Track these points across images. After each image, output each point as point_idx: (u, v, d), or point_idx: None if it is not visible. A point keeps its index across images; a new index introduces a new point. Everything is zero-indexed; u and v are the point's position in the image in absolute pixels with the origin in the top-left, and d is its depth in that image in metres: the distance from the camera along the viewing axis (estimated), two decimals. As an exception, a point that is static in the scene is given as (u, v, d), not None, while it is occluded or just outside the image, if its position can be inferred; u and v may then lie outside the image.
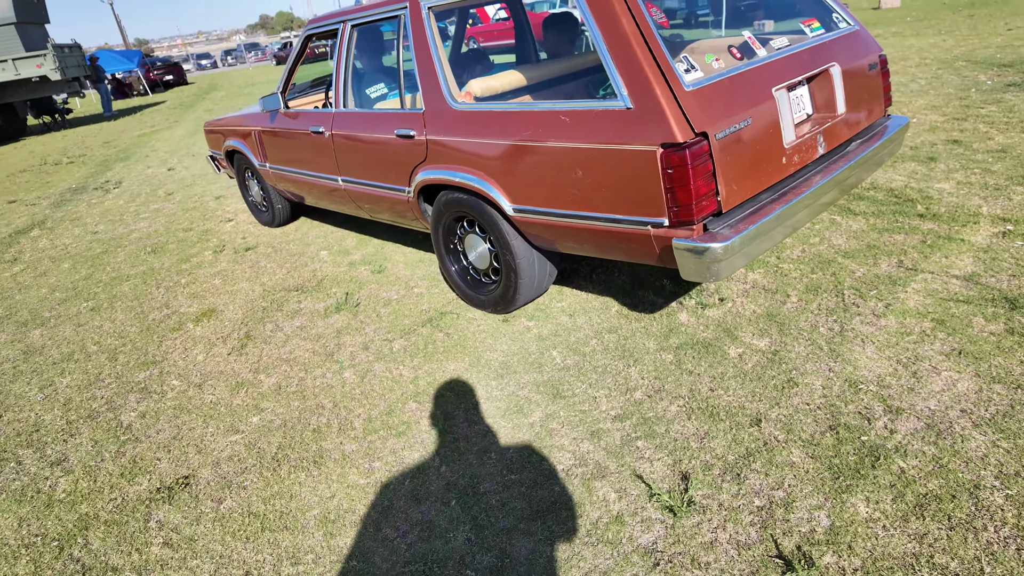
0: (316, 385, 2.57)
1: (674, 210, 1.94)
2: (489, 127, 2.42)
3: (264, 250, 4.28)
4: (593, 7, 2.04)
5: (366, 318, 3.08)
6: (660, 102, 1.89)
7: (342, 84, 3.30)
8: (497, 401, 2.27)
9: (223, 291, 3.68)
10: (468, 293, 2.96)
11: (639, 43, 1.95)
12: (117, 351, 3.13)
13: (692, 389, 2.16)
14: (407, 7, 2.81)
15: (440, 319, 2.94)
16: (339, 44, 3.29)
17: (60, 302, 3.90)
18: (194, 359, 2.94)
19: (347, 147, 3.25)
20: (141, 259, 4.48)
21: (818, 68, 2.37)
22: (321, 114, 3.45)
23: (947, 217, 3.13)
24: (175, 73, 26.61)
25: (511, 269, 2.63)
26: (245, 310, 3.38)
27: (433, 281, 3.38)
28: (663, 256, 2.08)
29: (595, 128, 2.05)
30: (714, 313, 2.60)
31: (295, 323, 3.15)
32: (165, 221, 5.38)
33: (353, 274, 3.65)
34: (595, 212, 2.16)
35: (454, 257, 2.99)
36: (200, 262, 4.24)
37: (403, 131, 2.84)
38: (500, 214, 2.56)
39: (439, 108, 2.65)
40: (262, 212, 4.76)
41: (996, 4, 11.38)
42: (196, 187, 6.51)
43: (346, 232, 4.39)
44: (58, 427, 2.55)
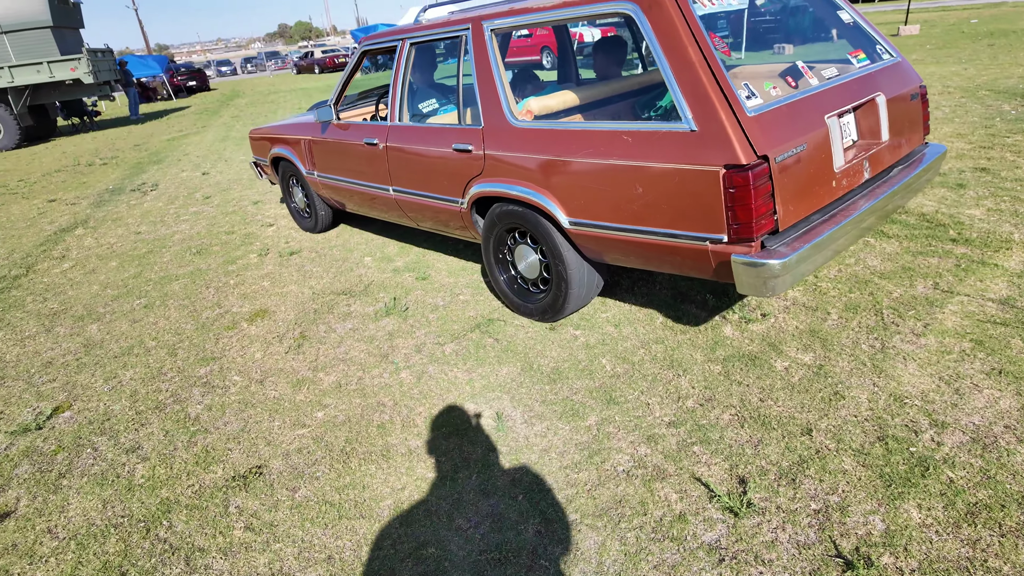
0: (375, 384, 2.69)
1: (734, 227, 2.06)
2: (550, 144, 2.55)
3: (308, 255, 4.43)
4: (661, 36, 2.17)
5: (416, 322, 3.20)
6: (725, 126, 2.01)
7: (398, 99, 3.45)
8: (553, 404, 2.38)
9: (273, 293, 3.82)
10: (515, 301, 3.08)
11: (704, 70, 2.08)
12: (176, 347, 3.27)
13: (742, 399, 2.26)
14: (469, 28, 2.96)
15: (488, 325, 3.06)
16: (396, 60, 3.44)
17: (113, 299, 4.04)
18: (252, 356, 3.07)
19: (401, 159, 3.39)
20: (187, 260, 4.63)
21: (865, 97, 2.50)
22: (375, 127, 3.60)
23: (979, 242, 3.23)
24: (198, 79, 27.08)
25: (562, 279, 2.75)
26: (297, 311, 3.51)
27: (477, 289, 3.50)
28: (719, 271, 2.20)
29: (658, 148, 2.18)
30: (758, 328, 2.71)
31: (347, 325, 3.28)
32: (206, 224, 5.54)
33: (398, 280, 3.78)
34: (653, 227, 2.28)
35: (503, 266, 3.12)
36: (246, 264, 4.38)
37: (461, 145, 2.98)
38: (555, 226, 2.69)
39: (499, 125, 2.79)
40: (304, 218, 4.91)
41: (1016, 34, 11.51)
42: (232, 192, 6.69)
43: (386, 239, 4.53)
44: (128, 417, 2.68)
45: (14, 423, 2.72)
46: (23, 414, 2.79)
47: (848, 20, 2.82)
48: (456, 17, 3.06)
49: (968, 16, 16.54)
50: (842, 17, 2.82)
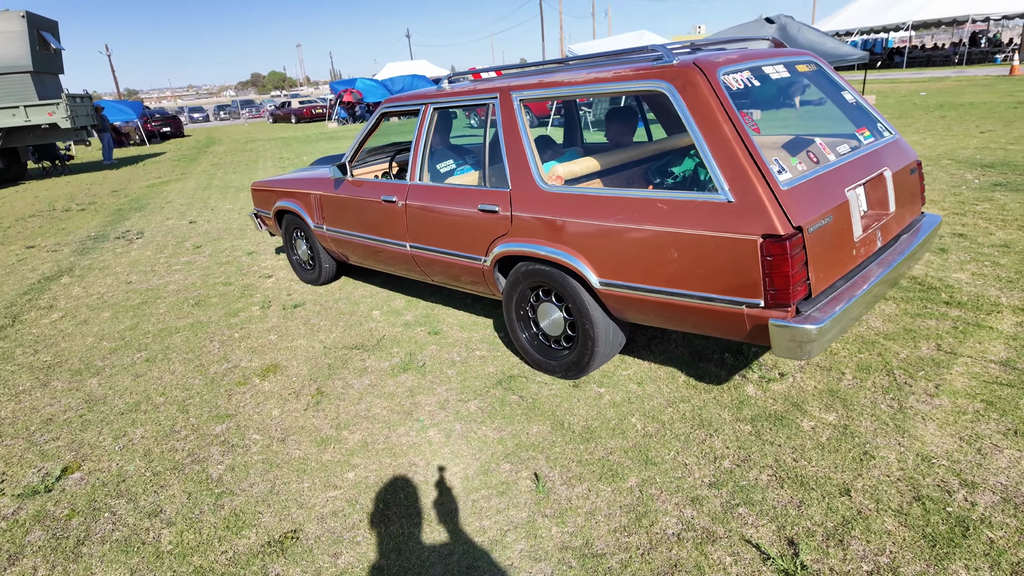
0: (403, 443, 2.66)
1: (771, 293, 2.16)
2: (582, 208, 2.65)
3: (312, 307, 4.40)
4: (696, 114, 2.32)
5: (435, 379, 3.20)
6: (762, 199, 2.14)
7: (420, 159, 3.54)
8: (590, 464, 2.39)
9: (281, 347, 3.78)
10: (537, 358, 3.12)
11: (739, 146, 2.22)
12: (186, 403, 3.19)
13: (777, 459, 2.32)
14: (498, 97, 3.09)
15: (510, 382, 3.08)
16: (419, 123, 3.55)
17: (111, 351, 3.93)
18: (269, 413, 3.01)
19: (421, 216, 3.46)
20: (185, 311, 4.55)
21: (875, 172, 2.68)
22: (394, 184, 3.68)
23: (971, 305, 3.42)
24: (173, 125, 27.04)
25: (588, 337, 2.81)
26: (310, 366, 3.48)
27: (492, 344, 3.53)
28: (753, 333, 2.29)
29: (694, 216, 2.29)
30: (779, 387, 2.79)
31: (364, 381, 3.25)
32: (200, 274, 5.47)
33: (410, 334, 3.78)
34: (687, 290, 2.37)
35: (524, 323, 3.16)
36: (249, 317, 4.33)
37: (487, 206, 3.06)
38: (583, 286, 2.76)
39: (527, 188, 2.89)
40: (307, 270, 4.90)
41: (963, 107, 12.41)
42: (224, 241, 6.63)
43: (391, 292, 4.55)
44: (145, 478, 2.58)
45: (20, 485, 2.60)
46: (28, 475, 2.67)
47: (851, 100, 3.05)
48: (484, 86, 3.20)
49: (916, 88, 17.78)
50: (846, 97, 3.04)
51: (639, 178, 3.49)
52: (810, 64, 3.00)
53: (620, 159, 3.35)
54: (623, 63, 2.75)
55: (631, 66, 2.60)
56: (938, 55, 31.53)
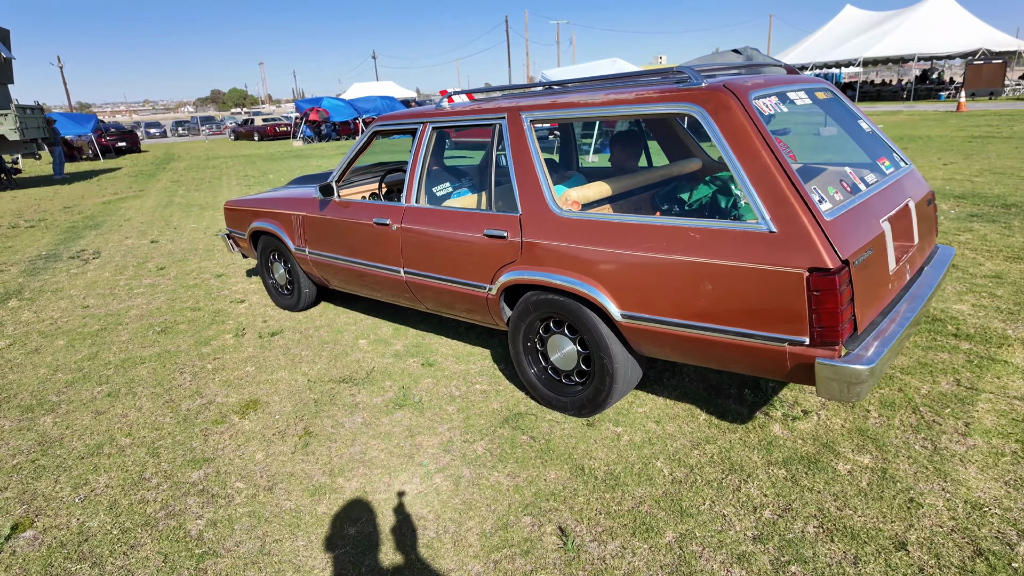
0: (407, 491, 2.41)
1: (818, 330, 2.02)
2: (603, 236, 2.48)
3: (292, 335, 4.11)
4: (731, 139, 2.19)
5: (435, 416, 2.96)
6: (808, 229, 2.01)
7: (416, 181, 3.33)
8: (620, 517, 2.19)
9: (261, 380, 3.47)
10: (546, 394, 2.91)
11: (780, 173, 2.09)
12: (156, 445, 2.86)
13: (820, 508, 2.16)
14: (505, 117, 2.92)
15: (518, 420, 2.86)
16: (417, 143, 3.35)
17: (67, 385, 3.56)
18: (252, 457, 2.72)
19: (418, 241, 3.24)
20: (151, 340, 4.20)
21: (901, 203, 2.60)
22: (387, 207, 3.45)
23: (979, 338, 3.37)
24: (129, 140, 26.09)
25: (607, 372, 2.62)
26: (294, 402, 3.19)
27: (493, 377, 3.31)
28: (794, 373, 2.14)
29: (731, 247, 2.15)
30: (804, 426, 2.65)
31: (356, 419, 2.99)
32: (166, 298, 5.10)
33: (402, 366, 3.53)
34: (722, 325, 2.22)
35: (532, 357, 2.96)
36: (222, 346, 4.00)
37: (494, 231, 2.87)
38: (602, 318, 2.59)
39: (539, 213, 2.71)
40: (284, 295, 4.60)
41: (922, 140, 12.87)
42: (190, 263, 6.25)
43: (377, 320, 4.29)
44: (112, 536, 2.26)
45: (-40, 546, 2.25)
46: (-29, 534, 2.31)
47: (867, 129, 2.98)
48: (489, 106, 3.03)
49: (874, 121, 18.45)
50: (862, 126, 2.98)
51: (651, 205, 3.35)
52: (826, 92, 2.92)
53: (629, 184, 3.21)
54: (643, 85, 2.62)
55: (655, 88, 2.47)
56: (887, 90, 33.00)
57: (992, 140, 11.80)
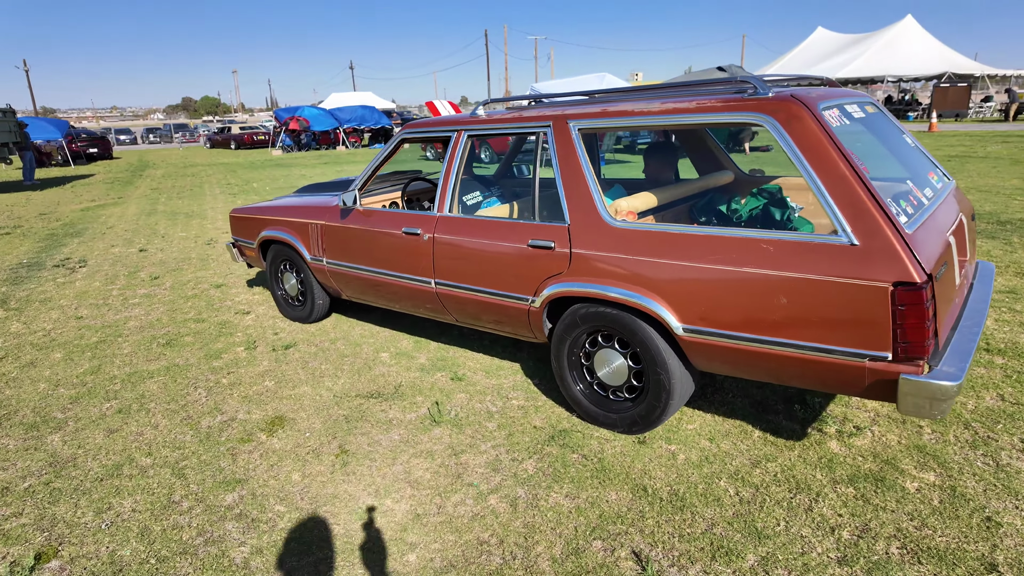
0: (461, 514, 2.29)
1: (903, 345, 1.97)
2: (665, 247, 2.41)
3: (307, 348, 3.95)
4: (806, 150, 2.14)
5: (475, 434, 2.84)
6: (892, 243, 1.97)
7: (450, 190, 3.24)
8: (695, 540, 2.10)
9: (283, 395, 3.31)
10: (591, 410, 2.82)
11: (860, 185, 2.05)
12: (180, 465, 2.69)
13: (898, 528, 2.10)
14: (551, 125, 2.85)
15: (564, 437, 2.76)
16: (451, 151, 3.26)
17: (72, 401, 3.35)
18: (288, 478, 2.56)
19: (453, 252, 3.14)
20: (156, 352, 3.99)
21: (957, 216, 2.59)
22: (418, 216, 3.34)
23: (1011, 353, 3.38)
24: (100, 146, 25.39)
25: (663, 388, 2.55)
26: (323, 419, 3.04)
27: (529, 392, 3.21)
28: (872, 389, 2.08)
29: (809, 260, 2.09)
30: (861, 442, 2.60)
31: (393, 436, 2.85)
32: (165, 309, 4.88)
33: (430, 380, 3.40)
34: (796, 340, 2.16)
35: (578, 372, 2.87)
36: (234, 360, 3.82)
37: (539, 242, 2.79)
38: (659, 332, 2.51)
39: (591, 224, 2.64)
40: (295, 307, 4.44)
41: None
42: (185, 272, 6.02)
43: (394, 332, 4.15)
44: (150, 567, 2.09)
45: (-21, 580, 2.05)
46: (-12, 566, 2.12)
47: (911, 144, 2.98)
48: (532, 114, 2.95)
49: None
50: (906, 140, 2.97)
51: (691, 216, 3.30)
52: (872, 106, 2.92)
53: (671, 195, 3.16)
54: (699, 94, 2.57)
55: (717, 97, 2.42)
56: (858, 110, 33.83)
57: (970, 159, 12.15)
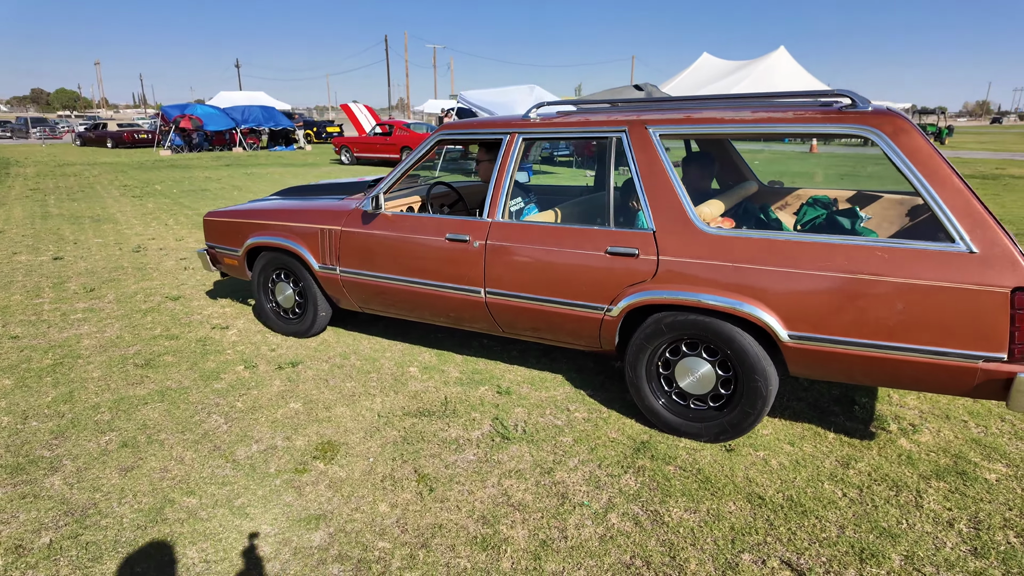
0: (589, 536, 2.16)
1: (1020, 346, 2.11)
2: (770, 255, 2.44)
3: (318, 365, 3.60)
4: (917, 162, 2.25)
5: (555, 450, 2.71)
6: (1011, 250, 2.10)
7: (503, 195, 3.10)
8: (835, 545, 2.11)
9: (319, 418, 2.99)
10: (671, 420, 2.79)
11: (973, 196, 2.18)
12: (238, 504, 2.33)
13: (1005, 518, 2.23)
14: (626, 130, 2.80)
15: (649, 449, 2.70)
16: (504, 154, 3.12)
17: (55, 435, 2.83)
18: (375, 510, 2.30)
19: (511, 260, 3.00)
20: (135, 375, 3.48)
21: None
22: (465, 222, 3.17)
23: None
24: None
25: (758, 395, 2.56)
26: (379, 442, 2.77)
27: (585, 403, 3.12)
28: (981, 388, 2.21)
29: (928, 267, 2.19)
30: (925, 439, 2.76)
31: (468, 456, 2.66)
32: (122, 326, 4.28)
33: (476, 395, 3.22)
34: (910, 344, 2.25)
35: (657, 382, 2.82)
36: (238, 381, 3.41)
37: (620, 249, 2.72)
38: (757, 339, 2.53)
39: (682, 230, 2.61)
40: (289, 320, 4.05)
41: (798, 175, 14.43)
42: (124, 283, 5.33)
43: (407, 345, 3.90)
44: (261, 626, 1.78)
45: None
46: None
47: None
48: (602, 118, 2.89)
49: (750, 157, 20.45)
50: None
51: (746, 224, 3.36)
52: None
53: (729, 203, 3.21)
54: (790, 106, 2.63)
55: (817, 109, 2.49)
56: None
57: (857, 178, 13.53)
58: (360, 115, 18.10)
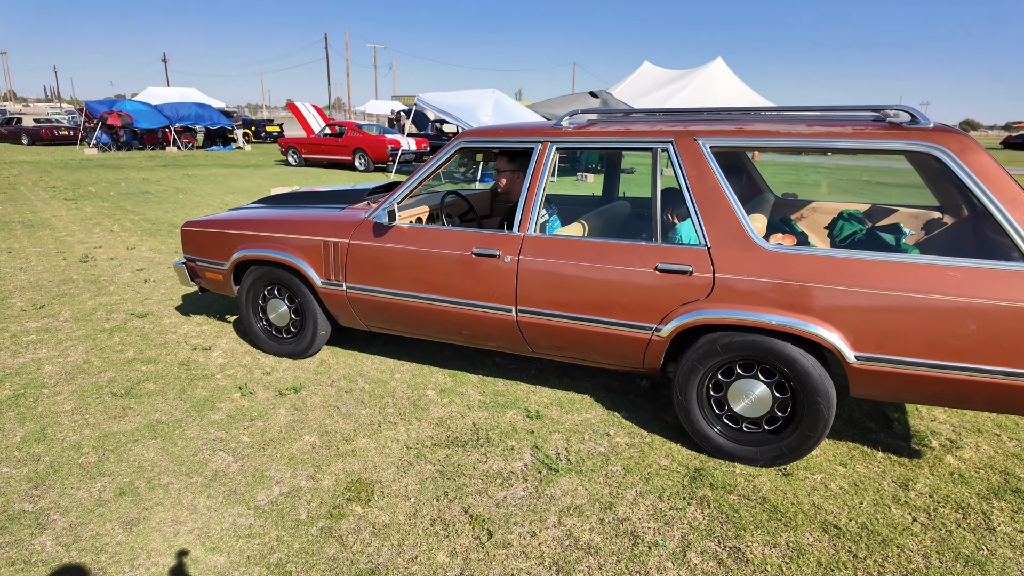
0: (676, 580, 2.01)
1: (1097, 366, 2.10)
2: (836, 272, 2.36)
3: (324, 390, 3.31)
4: (987, 180, 2.22)
5: (608, 481, 2.55)
6: (1088, 269, 2.10)
7: (535, 207, 2.92)
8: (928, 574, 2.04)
9: (341, 453, 2.72)
10: (724, 445, 2.67)
11: (1044, 214, 2.17)
12: (274, 560, 2.05)
13: (1075, 537, 2.23)
14: (672, 142, 2.68)
15: (704, 476, 2.58)
16: (536, 164, 2.94)
17: (35, 484, 2.45)
18: (433, 560, 2.08)
19: (548, 277, 2.82)
20: (115, 407, 3.09)
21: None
22: (494, 235, 2.97)
23: None
24: None
25: (821, 418, 2.48)
26: (415, 479, 2.53)
27: (626, 427, 2.97)
28: (1046, 407, 2.20)
29: (1002, 287, 2.16)
30: (969, 455, 2.76)
31: (518, 492, 2.46)
32: (87, 348, 3.83)
33: (506, 421, 3.02)
34: (982, 364, 2.21)
35: (708, 406, 2.71)
36: (238, 411, 3.08)
37: (671, 266, 2.60)
38: (819, 360, 2.46)
39: (740, 247, 2.51)
40: (283, 340, 3.72)
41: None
42: (79, 299, 4.81)
43: (416, 365, 3.64)
44: None
45: None
46: None
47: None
48: (644, 128, 2.76)
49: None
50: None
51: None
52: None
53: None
54: (852, 121, 2.57)
55: (876, 124, 2.44)
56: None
57: (802, 186, 14.06)
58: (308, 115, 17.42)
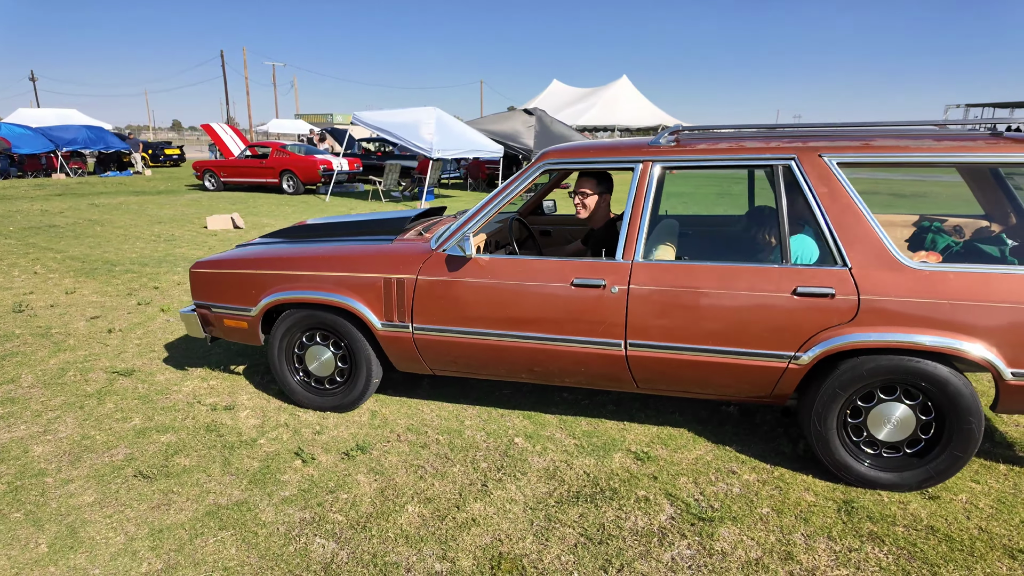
0: (913, 638, 1.83)
1: None
2: (989, 289, 2.31)
3: (395, 447, 2.90)
4: None
5: (765, 527, 2.34)
6: None
7: (642, 232, 2.70)
8: None
9: (460, 524, 2.34)
10: (867, 474, 2.53)
11: None
12: None
13: None
14: (794, 159, 2.56)
15: (857, 509, 2.42)
16: (638, 185, 2.73)
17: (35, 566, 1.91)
18: (647, 651, 1.78)
19: (665, 306, 2.61)
20: (150, 492, 2.54)
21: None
22: (595, 264, 2.72)
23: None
24: None
25: (972, 438, 2.41)
26: (561, 547, 2.21)
27: (743, 461, 2.78)
28: None
29: None
30: (1076, 460, 2.81)
31: (684, 551, 2.20)
32: (78, 419, 3.17)
33: (618, 467, 2.75)
34: None
35: (847, 434, 2.57)
36: (308, 483, 2.62)
37: (811, 289, 2.46)
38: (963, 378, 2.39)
39: (885, 266, 2.41)
40: (326, 392, 3.25)
41: (734, 196, 15.39)
42: (36, 356, 4.04)
43: (482, 408, 3.30)
44: None
45: None
46: None
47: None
48: (757, 144, 2.62)
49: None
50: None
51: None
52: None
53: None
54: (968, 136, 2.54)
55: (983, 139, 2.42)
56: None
57: (728, 196, 14.73)
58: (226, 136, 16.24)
